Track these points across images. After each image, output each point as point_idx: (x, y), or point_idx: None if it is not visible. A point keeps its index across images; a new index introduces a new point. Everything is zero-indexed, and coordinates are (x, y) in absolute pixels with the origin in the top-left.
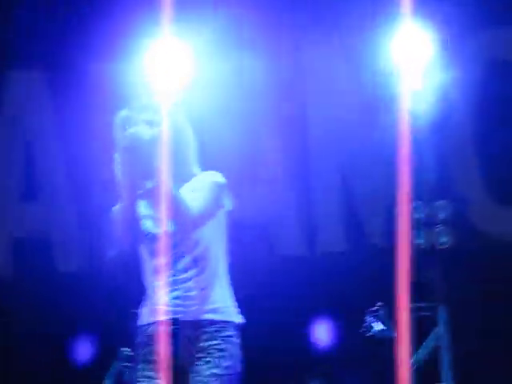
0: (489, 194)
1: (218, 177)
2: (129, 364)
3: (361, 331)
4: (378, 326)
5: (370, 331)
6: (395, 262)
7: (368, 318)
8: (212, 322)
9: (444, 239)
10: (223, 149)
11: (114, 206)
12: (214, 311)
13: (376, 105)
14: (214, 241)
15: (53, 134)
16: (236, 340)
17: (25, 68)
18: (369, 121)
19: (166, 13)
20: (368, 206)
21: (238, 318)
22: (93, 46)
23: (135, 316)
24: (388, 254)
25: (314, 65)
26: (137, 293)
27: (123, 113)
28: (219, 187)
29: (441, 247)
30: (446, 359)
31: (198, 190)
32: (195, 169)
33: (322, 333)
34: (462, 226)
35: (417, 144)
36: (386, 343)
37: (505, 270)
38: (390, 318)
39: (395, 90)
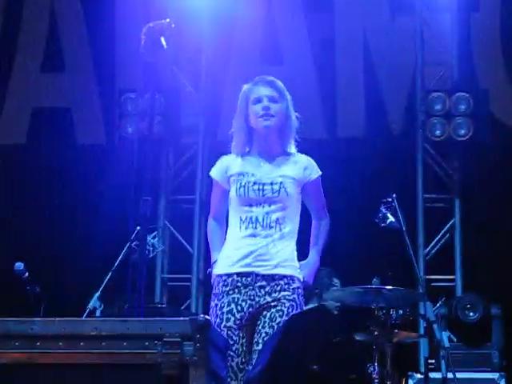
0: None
1: (312, 161)
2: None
3: (376, 221)
4: (391, 217)
5: (385, 222)
6: (412, 152)
7: (382, 209)
8: (284, 276)
9: (463, 131)
10: None
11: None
12: (285, 267)
13: None
14: (295, 210)
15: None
16: (301, 291)
17: None
18: None
19: None
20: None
21: (301, 277)
22: None
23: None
24: (405, 144)
25: None
26: None
27: (248, 86)
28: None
29: (460, 139)
30: (458, 251)
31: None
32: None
33: None
34: (483, 119)
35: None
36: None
37: None
38: (401, 211)
39: None
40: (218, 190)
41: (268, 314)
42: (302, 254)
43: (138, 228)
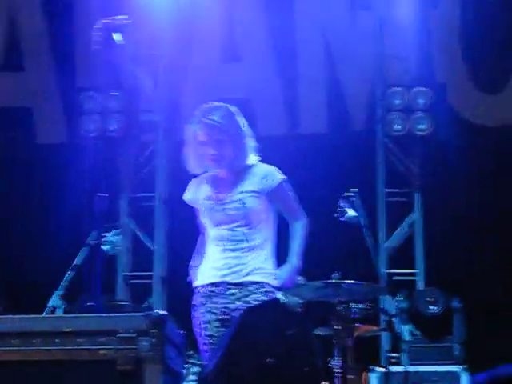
0: (469, 80)
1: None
2: None
3: (335, 215)
4: (351, 212)
5: (343, 216)
6: (373, 147)
7: (342, 203)
8: (253, 282)
9: (423, 126)
10: None
11: None
12: (255, 275)
13: None
14: (264, 222)
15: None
16: (273, 295)
17: None
18: None
19: None
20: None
21: (275, 282)
22: None
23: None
24: (366, 139)
25: None
26: None
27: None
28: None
29: (419, 134)
30: (419, 245)
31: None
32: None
33: None
34: (441, 113)
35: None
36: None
37: (483, 154)
38: (362, 205)
39: None
40: (196, 210)
41: (236, 315)
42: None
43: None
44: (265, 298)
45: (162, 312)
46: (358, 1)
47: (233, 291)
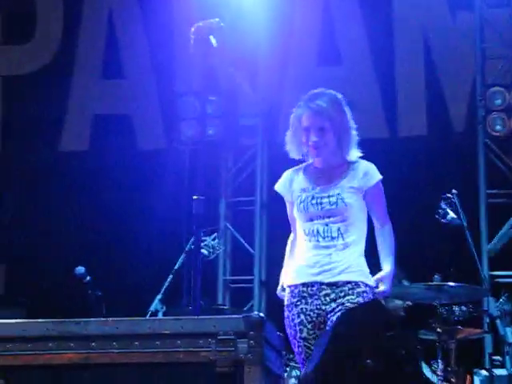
0: None
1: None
2: None
3: (436, 217)
4: (452, 213)
5: (444, 218)
6: (474, 149)
7: (443, 205)
8: (348, 282)
9: None
10: None
11: None
12: (348, 273)
13: None
14: (359, 220)
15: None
16: (368, 295)
17: None
18: None
19: None
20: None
21: (371, 281)
22: None
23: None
24: (466, 140)
25: None
26: None
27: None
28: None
29: None
30: None
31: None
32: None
33: None
34: None
35: None
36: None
37: None
38: (463, 207)
39: None
40: (287, 203)
41: (333, 318)
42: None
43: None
44: (360, 300)
45: (260, 314)
46: (457, 0)
47: (326, 291)
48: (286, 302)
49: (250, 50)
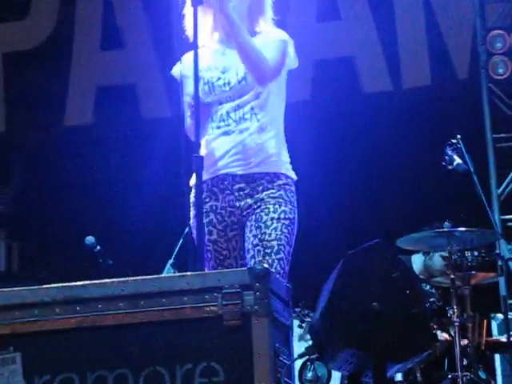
0: None
1: (283, 34)
2: None
3: (442, 164)
4: (458, 159)
5: (451, 164)
6: (478, 95)
7: (448, 151)
8: (266, 174)
9: None
10: None
11: None
12: (268, 164)
13: None
14: (274, 93)
15: None
16: (291, 188)
17: None
18: None
19: None
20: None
21: (292, 174)
22: None
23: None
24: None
25: None
26: None
27: None
28: (285, 43)
29: None
30: None
31: (266, 45)
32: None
33: None
34: None
35: None
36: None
37: None
38: (469, 153)
39: None
40: (183, 90)
41: (253, 217)
42: None
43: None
44: (282, 193)
45: (265, 266)
46: None
47: (240, 185)
48: (191, 199)
49: None
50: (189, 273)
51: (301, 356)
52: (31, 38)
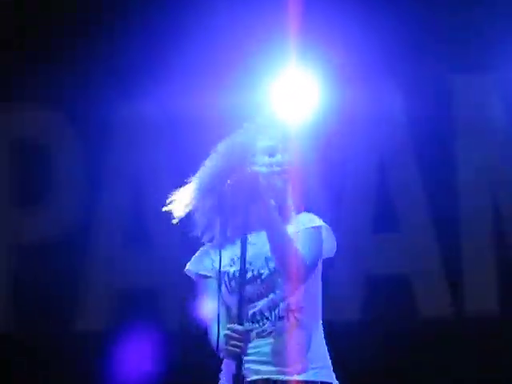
0: None
1: (316, 219)
2: None
3: None
4: None
5: None
6: None
7: None
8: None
9: None
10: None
11: None
12: (308, 371)
13: None
14: (312, 292)
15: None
16: None
17: None
18: None
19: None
20: None
21: (335, 381)
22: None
23: None
24: None
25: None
26: None
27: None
28: (319, 230)
29: None
30: None
31: (299, 235)
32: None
33: None
34: None
35: None
36: None
37: None
38: None
39: None
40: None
41: None
42: None
43: None
44: None
45: None
46: None
47: None
48: None
49: None
50: None
51: None
52: None
